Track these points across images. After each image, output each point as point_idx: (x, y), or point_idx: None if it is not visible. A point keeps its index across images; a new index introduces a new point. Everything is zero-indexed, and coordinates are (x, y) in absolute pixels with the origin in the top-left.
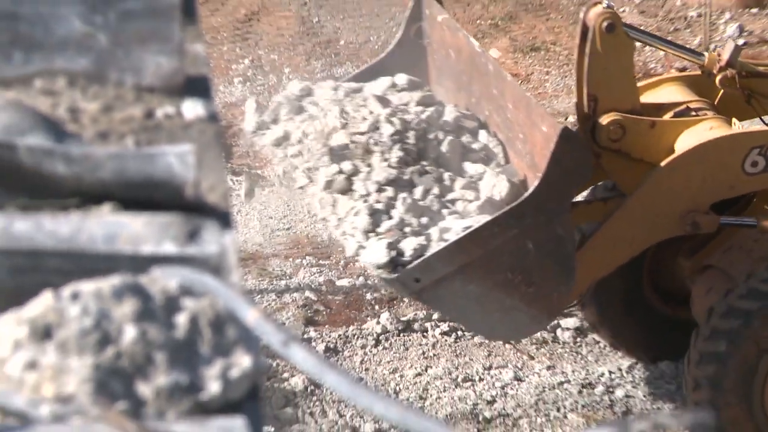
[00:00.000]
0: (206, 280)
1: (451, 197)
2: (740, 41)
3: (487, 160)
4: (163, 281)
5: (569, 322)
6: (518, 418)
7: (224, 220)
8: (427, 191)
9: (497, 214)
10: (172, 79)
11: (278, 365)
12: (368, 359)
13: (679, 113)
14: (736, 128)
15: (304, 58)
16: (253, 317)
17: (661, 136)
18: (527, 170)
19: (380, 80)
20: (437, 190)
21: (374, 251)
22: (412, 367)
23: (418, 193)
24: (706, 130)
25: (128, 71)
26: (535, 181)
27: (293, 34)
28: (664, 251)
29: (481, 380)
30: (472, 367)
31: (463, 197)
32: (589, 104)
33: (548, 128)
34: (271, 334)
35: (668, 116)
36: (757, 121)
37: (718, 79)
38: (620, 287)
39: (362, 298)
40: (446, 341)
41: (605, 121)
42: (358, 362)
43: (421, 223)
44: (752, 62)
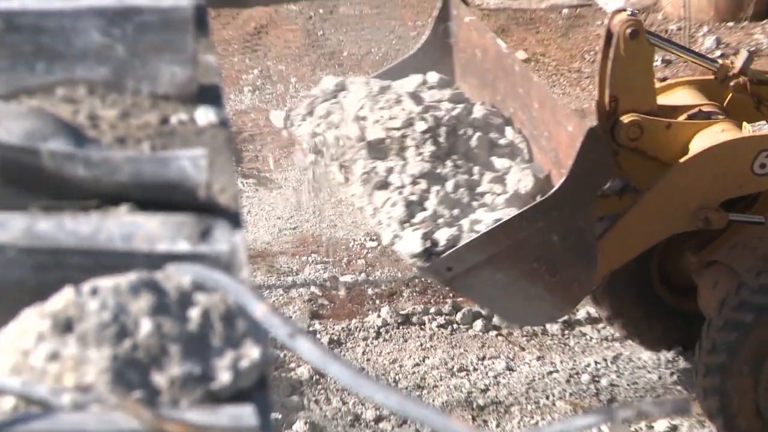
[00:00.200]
0: (217, 276)
1: (480, 190)
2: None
3: (512, 155)
4: (177, 277)
5: None
6: (510, 405)
7: (234, 220)
8: (458, 184)
9: (525, 207)
10: (185, 87)
11: (285, 356)
12: (369, 350)
13: (692, 116)
14: (746, 131)
15: (309, 68)
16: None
17: (675, 136)
18: (551, 166)
19: (411, 77)
20: (467, 183)
21: (409, 241)
22: (410, 357)
23: (449, 186)
24: (718, 132)
25: (144, 80)
26: (559, 177)
27: (299, 46)
28: (671, 248)
29: (475, 370)
30: (466, 357)
31: (491, 190)
32: (610, 104)
33: (574, 128)
34: (278, 327)
35: (682, 118)
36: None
37: (731, 85)
38: (631, 283)
39: (364, 293)
40: (442, 333)
41: (625, 120)
42: (360, 353)
43: (452, 214)
44: (763, 71)
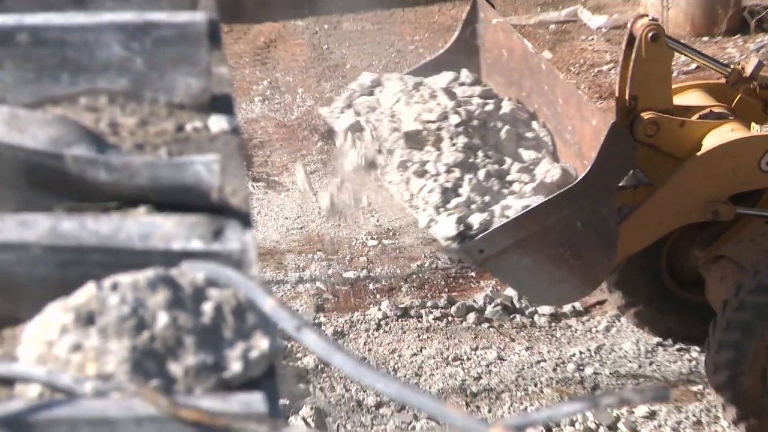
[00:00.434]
0: (229, 272)
1: (509, 179)
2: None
3: (538, 147)
4: (191, 274)
5: (545, 309)
6: (501, 392)
7: (245, 220)
8: (489, 173)
9: (551, 195)
10: (200, 97)
11: (292, 347)
12: (370, 341)
13: (703, 116)
14: (754, 131)
15: (315, 80)
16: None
17: (689, 134)
18: (575, 158)
19: (443, 74)
20: (497, 172)
21: (444, 225)
22: (408, 348)
23: (481, 174)
24: (728, 131)
25: (161, 90)
26: (583, 168)
27: (306, 59)
28: (680, 244)
29: (468, 359)
30: (460, 348)
31: (519, 179)
32: (630, 102)
33: (598, 122)
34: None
35: (695, 117)
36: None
37: (741, 89)
38: (642, 276)
39: (365, 288)
40: (438, 325)
41: (644, 118)
42: (361, 344)
43: (484, 201)
44: None
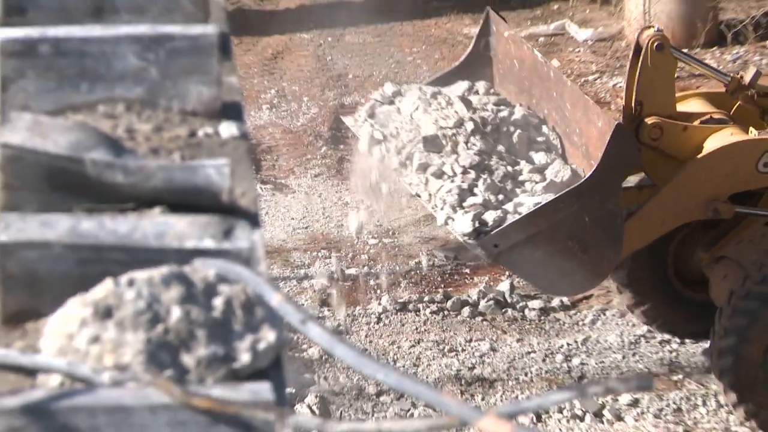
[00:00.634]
0: (239, 269)
1: (521, 179)
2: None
3: (548, 149)
4: (203, 271)
5: (535, 303)
6: (493, 381)
7: (254, 220)
8: (502, 174)
9: (561, 193)
10: (211, 105)
11: (298, 339)
12: (371, 334)
13: (704, 122)
14: (752, 135)
15: (319, 89)
16: (277, 300)
17: (691, 138)
18: (582, 159)
19: (459, 84)
20: (510, 173)
21: (461, 222)
22: (407, 340)
23: (495, 175)
24: (728, 135)
25: (175, 98)
26: (590, 168)
27: (311, 69)
28: (685, 246)
29: (463, 351)
30: (456, 340)
31: (531, 179)
32: (635, 108)
33: (603, 124)
34: (292, 313)
35: (696, 123)
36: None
37: (740, 97)
38: (649, 276)
39: (366, 284)
40: (435, 319)
41: (648, 122)
42: (363, 336)
43: (498, 199)
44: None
